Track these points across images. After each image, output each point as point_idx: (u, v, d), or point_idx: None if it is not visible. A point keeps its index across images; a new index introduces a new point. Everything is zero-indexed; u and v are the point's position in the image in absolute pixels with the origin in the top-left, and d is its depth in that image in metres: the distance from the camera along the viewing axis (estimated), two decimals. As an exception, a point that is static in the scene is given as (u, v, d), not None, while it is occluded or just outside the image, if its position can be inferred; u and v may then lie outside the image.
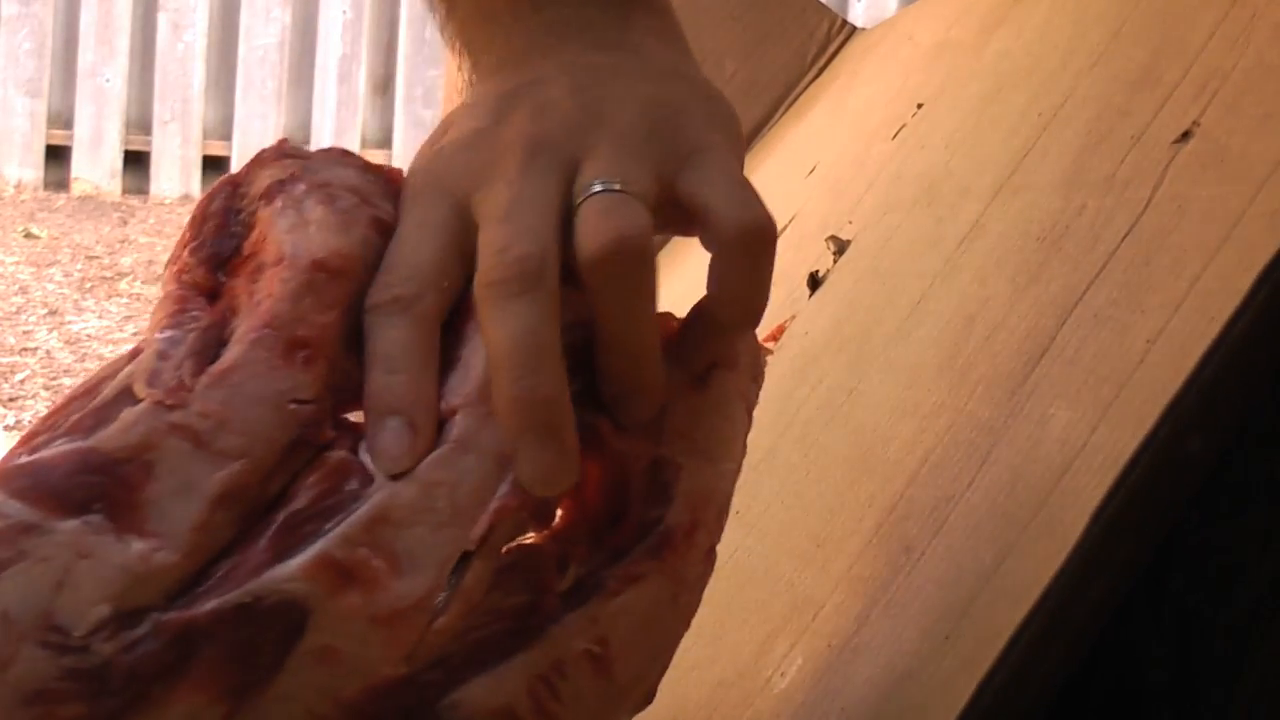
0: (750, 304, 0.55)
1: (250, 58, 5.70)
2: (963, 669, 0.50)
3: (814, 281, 0.93)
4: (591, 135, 0.56)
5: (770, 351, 0.92)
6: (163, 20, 5.67)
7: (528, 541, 0.53)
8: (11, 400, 3.60)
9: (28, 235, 4.98)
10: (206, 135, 5.70)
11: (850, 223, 0.94)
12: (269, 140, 5.93)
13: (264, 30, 5.71)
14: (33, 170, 5.64)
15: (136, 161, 5.68)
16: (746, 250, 0.54)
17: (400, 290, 0.53)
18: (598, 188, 0.54)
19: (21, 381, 3.71)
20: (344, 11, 5.74)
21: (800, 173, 1.16)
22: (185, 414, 0.50)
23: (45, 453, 0.49)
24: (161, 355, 0.52)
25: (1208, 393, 0.49)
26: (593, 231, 0.52)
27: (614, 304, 0.53)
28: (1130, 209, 0.59)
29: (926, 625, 0.54)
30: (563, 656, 0.51)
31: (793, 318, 0.92)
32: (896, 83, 1.09)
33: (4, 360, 3.85)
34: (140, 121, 5.70)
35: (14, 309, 4.25)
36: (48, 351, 3.93)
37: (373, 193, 0.56)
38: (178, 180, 5.68)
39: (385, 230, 0.55)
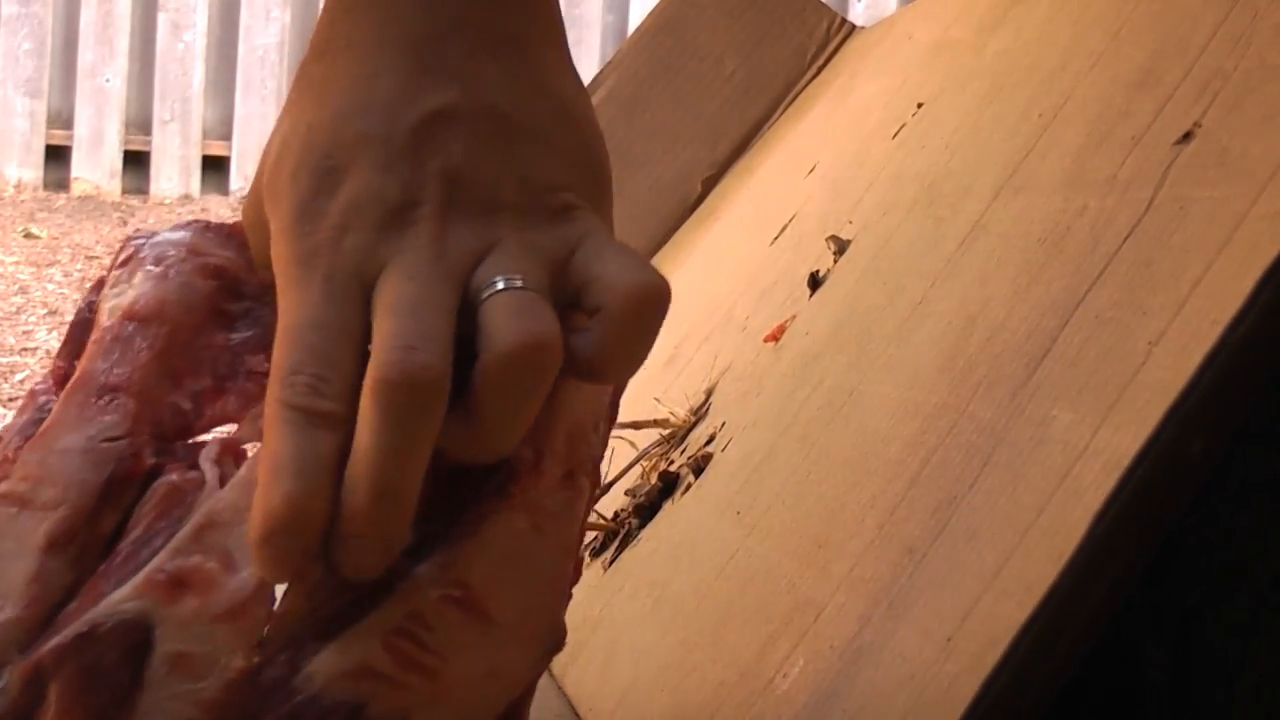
0: (633, 364, 0.53)
1: (250, 58, 5.70)
2: (965, 671, 0.50)
3: (814, 281, 0.93)
4: (495, 225, 0.53)
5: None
6: (163, 20, 5.67)
7: None
8: (11, 400, 3.60)
9: (28, 235, 4.98)
10: (206, 135, 5.70)
11: (850, 222, 0.94)
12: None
13: (264, 30, 5.70)
14: (33, 170, 5.64)
15: (136, 161, 5.68)
16: (640, 308, 0.52)
17: (306, 380, 0.50)
18: (500, 285, 0.52)
19: (21, 381, 3.71)
20: (344, 11, 5.73)
21: (800, 172, 1.16)
22: (9, 483, 0.53)
23: None
24: (12, 430, 0.55)
25: (1210, 395, 0.49)
26: (505, 331, 0.51)
27: (507, 405, 0.51)
28: (1131, 210, 0.59)
29: (929, 627, 0.54)
30: (418, 607, 0.51)
31: (793, 317, 0.92)
32: (896, 82, 1.09)
33: (4, 360, 3.85)
34: (140, 121, 5.70)
35: (14, 309, 4.25)
36: (48, 351, 3.93)
37: (205, 244, 0.58)
38: (178, 180, 5.68)
39: (216, 273, 0.57)
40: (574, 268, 0.53)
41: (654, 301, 0.53)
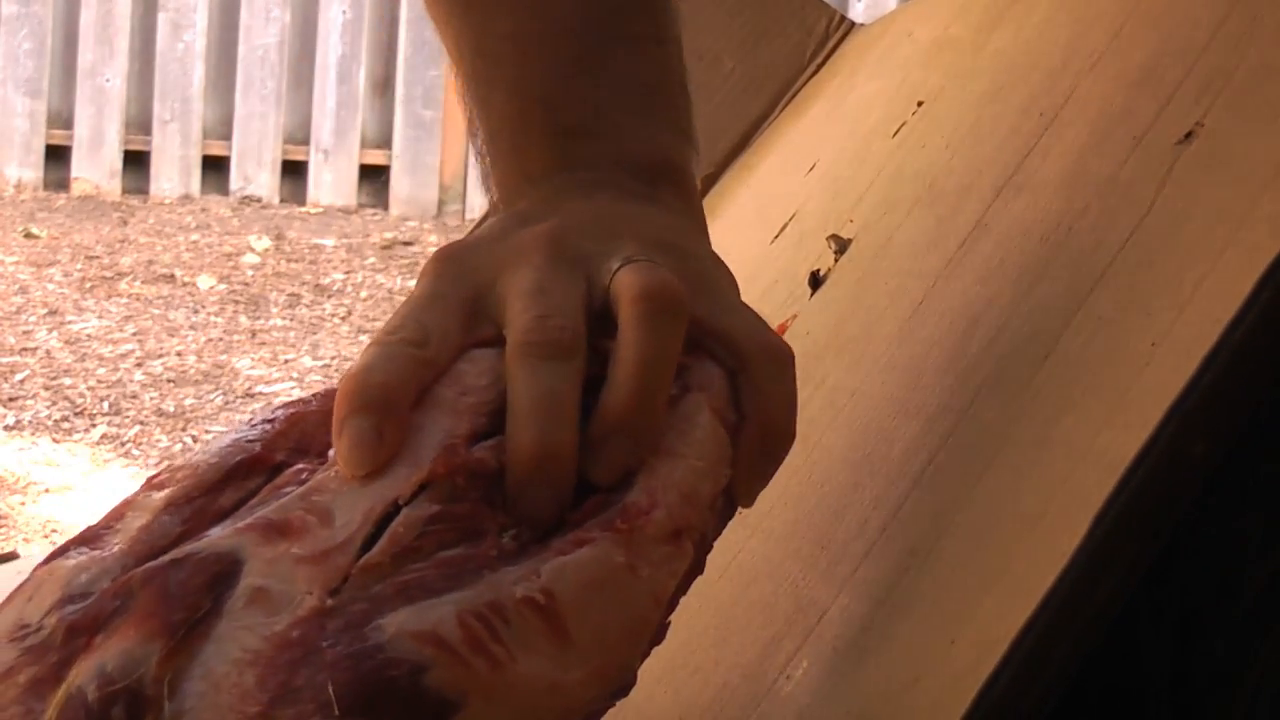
0: (789, 425, 0.60)
1: (250, 58, 5.70)
2: (968, 672, 0.50)
3: (815, 281, 0.93)
4: (611, 241, 0.60)
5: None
6: (163, 20, 5.67)
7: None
8: (11, 400, 3.60)
9: (28, 235, 4.97)
10: (206, 135, 5.71)
11: (851, 221, 0.94)
12: (269, 140, 5.95)
13: (264, 30, 5.70)
14: (33, 170, 5.64)
15: (136, 161, 5.68)
16: (775, 368, 0.59)
17: (403, 335, 0.57)
18: (638, 258, 0.59)
19: (21, 381, 3.71)
20: (344, 11, 5.74)
21: (800, 170, 1.16)
22: (161, 477, 0.58)
23: None
24: None
25: (1211, 395, 0.49)
26: (637, 279, 0.57)
27: (647, 336, 0.56)
28: (1133, 210, 0.59)
29: (932, 628, 0.54)
30: (500, 599, 0.52)
31: (794, 317, 0.92)
32: (896, 80, 1.08)
33: (4, 360, 3.85)
34: (140, 121, 5.70)
35: (14, 309, 4.25)
36: (48, 351, 3.93)
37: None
38: (178, 180, 5.69)
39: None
40: (698, 307, 0.59)
41: (783, 361, 0.60)
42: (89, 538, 0.56)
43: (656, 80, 0.68)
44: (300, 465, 0.57)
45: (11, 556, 1.72)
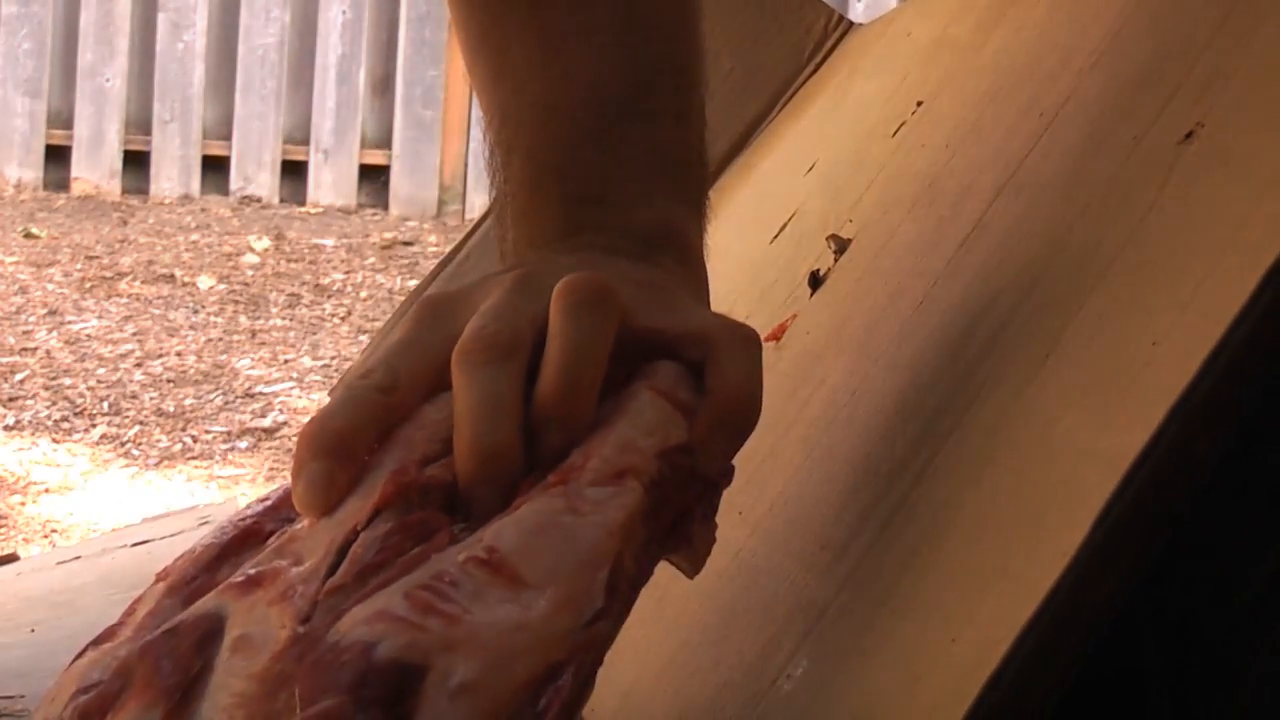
0: (751, 399, 0.62)
1: (250, 58, 5.69)
2: (969, 671, 0.50)
3: (815, 280, 0.93)
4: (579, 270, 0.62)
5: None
6: (163, 20, 5.67)
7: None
8: (11, 400, 3.60)
9: (28, 235, 4.97)
10: (206, 135, 5.70)
11: (851, 221, 0.94)
12: (269, 140, 5.95)
13: (264, 30, 5.70)
14: (33, 170, 5.63)
15: (136, 161, 5.68)
16: (738, 347, 0.62)
17: (373, 380, 0.59)
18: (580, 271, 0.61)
19: (21, 381, 3.71)
20: (344, 11, 5.74)
21: (799, 170, 1.16)
22: (163, 570, 0.60)
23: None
24: None
25: (1214, 394, 0.49)
26: (568, 279, 0.60)
27: (570, 326, 0.59)
28: (1134, 210, 0.59)
29: (932, 627, 0.54)
30: (444, 569, 0.54)
31: (794, 317, 0.92)
32: (895, 80, 1.08)
33: (4, 360, 3.84)
34: (140, 121, 5.70)
35: (14, 309, 4.24)
36: (48, 351, 3.93)
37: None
38: (178, 180, 5.68)
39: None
40: (672, 321, 0.62)
41: (753, 343, 0.62)
42: (103, 637, 0.58)
43: (670, 155, 0.71)
44: (288, 529, 0.59)
45: (11, 558, 1.72)
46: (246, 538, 0.59)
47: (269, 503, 0.61)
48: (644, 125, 0.70)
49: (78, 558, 1.55)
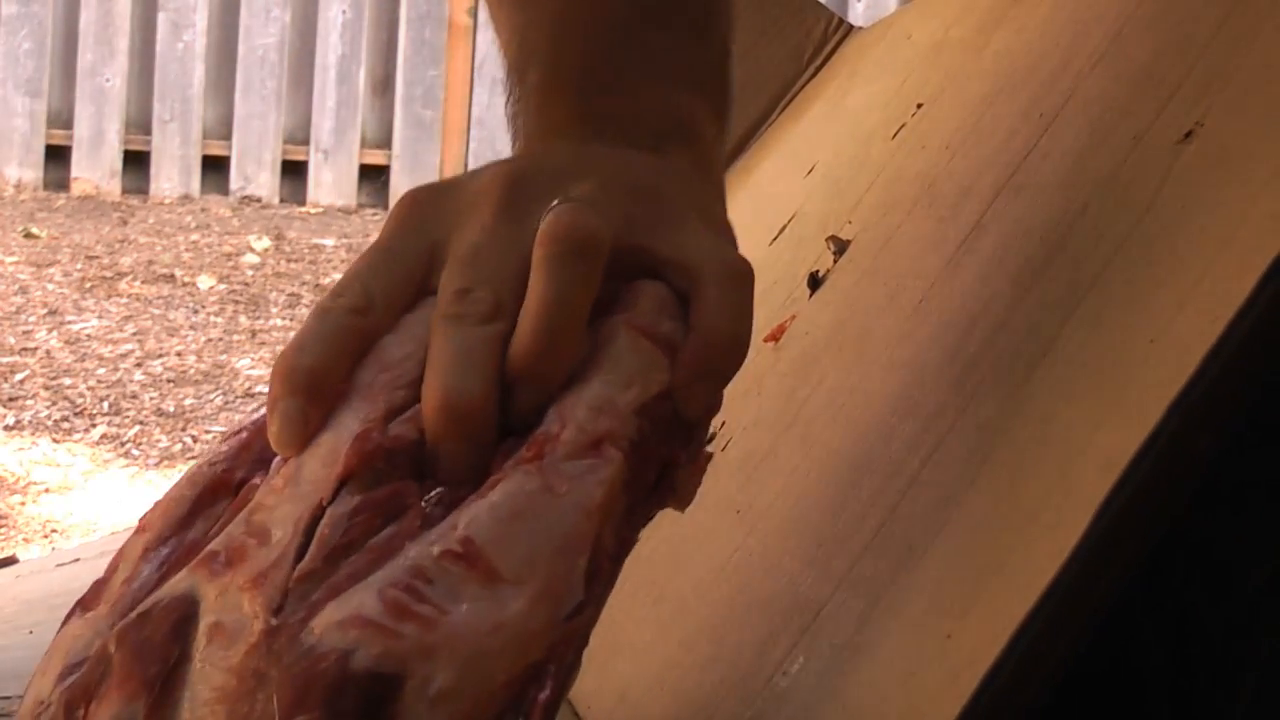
0: (737, 337, 0.59)
1: (250, 58, 5.70)
2: (965, 667, 0.50)
3: (814, 281, 0.93)
4: (568, 182, 0.60)
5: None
6: (163, 20, 5.67)
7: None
8: (11, 400, 3.60)
9: (28, 235, 4.97)
10: (206, 135, 5.70)
11: (850, 222, 0.94)
12: (269, 140, 5.95)
13: (264, 30, 5.70)
14: (33, 170, 5.64)
15: (136, 161, 5.68)
16: (727, 281, 0.59)
17: (345, 301, 0.58)
18: (567, 201, 0.58)
19: (21, 381, 3.71)
20: (344, 11, 5.74)
21: (799, 172, 1.16)
22: (142, 520, 0.59)
23: None
24: None
25: (1214, 390, 0.49)
26: (552, 221, 0.57)
27: (550, 279, 0.56)
28: (1133, 209, 0.59)
29: (929, 624, 0.54)
30: (419, 563, 0.52)
31: (793, 317, 0.92)
32: (895, 82, 1.09)
33: (4, 360, 3.84)
34: (140, 121, 5.70)
35: (14, 309, 4.24)
36: (48, 351, 3.93)
37: None
38: (178, 180, 5.68)
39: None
40: (658, 240, 0.59)
41: (742, 278, 0.60)
42: (88, 600, 0.58)
43: (687, 63, 0.69)
44: (256, 480, 0.58)
45: (11, 561, 1.72)
46: (217, 490, 0.58)
47: (241, 437, 0.59)
48: (663, 34, 0.68)
49: (77, 560, 1.55)
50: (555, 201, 0.58)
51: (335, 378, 0.56)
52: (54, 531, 2.91)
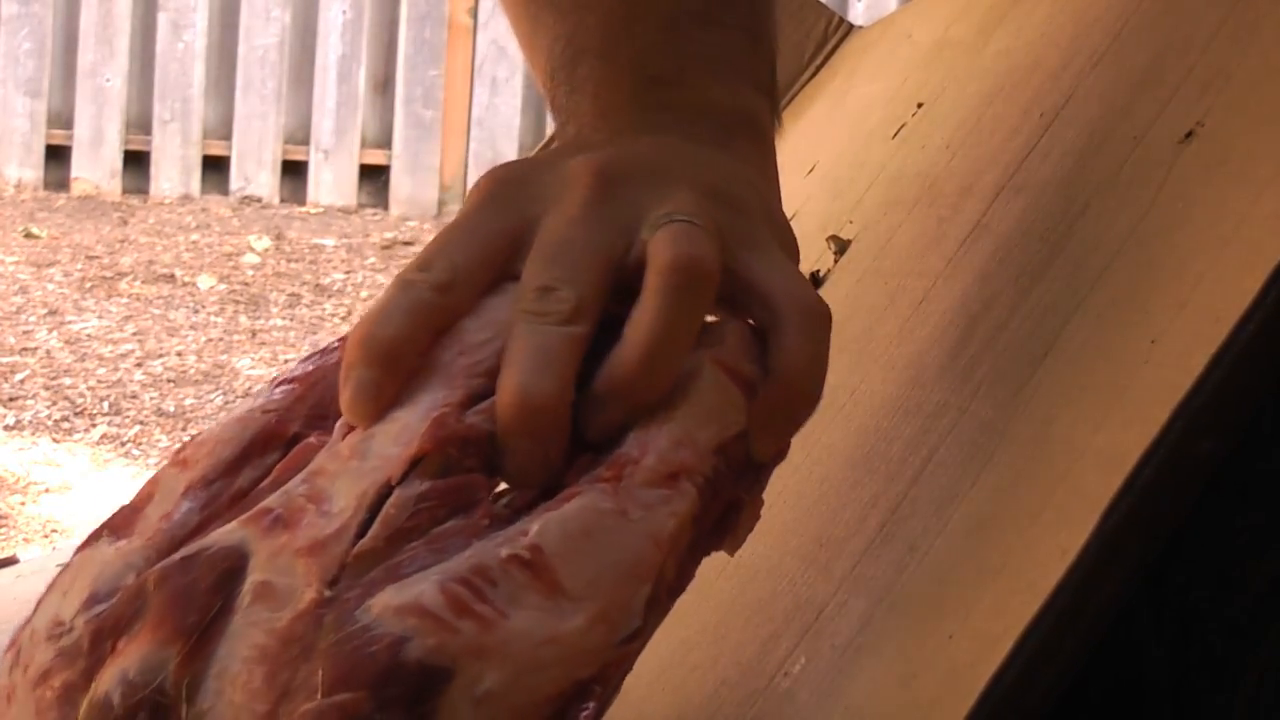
0: (813, 385, 0.59)
1: (250, 58, 5.70)
2: (966, 667, 0.50)
3: (815, 281, 0.93)
4: (661, 186, 0.59)
5: None
6: (163, 20, 5.67)
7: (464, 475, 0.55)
8: (11, 400, 3.60)
9: (28, 235, 4.98)
10: (206, 135, 5.70)
11: (851, 222, 0.94)
12: (269, 140, 5.95)
13: (264, 30, 5.70)
14: (33, 170, 5.64)
15: (136, 161, 5.68)
16: (808, 326, 0.58)
17: (430, 277, 0.57)
18: (680, 218, 0.57)
19: (21, 381, 3.71)
20: (344, 11, 5.74)
21: (799, 172, 1.16)
22: (185, 451, 0.58)
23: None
24: None
25: (1219, 393, 0.49)
26: (669, 246, 0.56)
27: (664, 309, 0.56)
28: (1134, 209, 0.59)
29: (929, 624, 0.54)
30: (484, 562, 0.52)
31: (794, 317, 0.92)
32: (896, 81, 1.09)
33: (4, 360, 3.85)
34: (140, 121, 5.70)
35: (14, 309, 4.25)
36: (48, 351, 3.93)
37: None
38: (178, 180, 5.68)
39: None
40: (741, 263, 0.59)
41: (820, 319, 0.59)
42: (119, 524, 0.57)
43: (744, 63, 0.69)
44: (313, 438, 0.57)
45: (11, 561, 1.72)
46: (270, 440, 0.57)
47: (294, 389, 0.59)
48: (719, 34, 0.68)
49: (78, 560, 1.55)
50: (658, 217, 0.58)
51: (414, 353, 0.56)
52: (54, 531, 2.91)
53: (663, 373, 0.56)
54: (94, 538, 0.57)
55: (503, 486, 0.55)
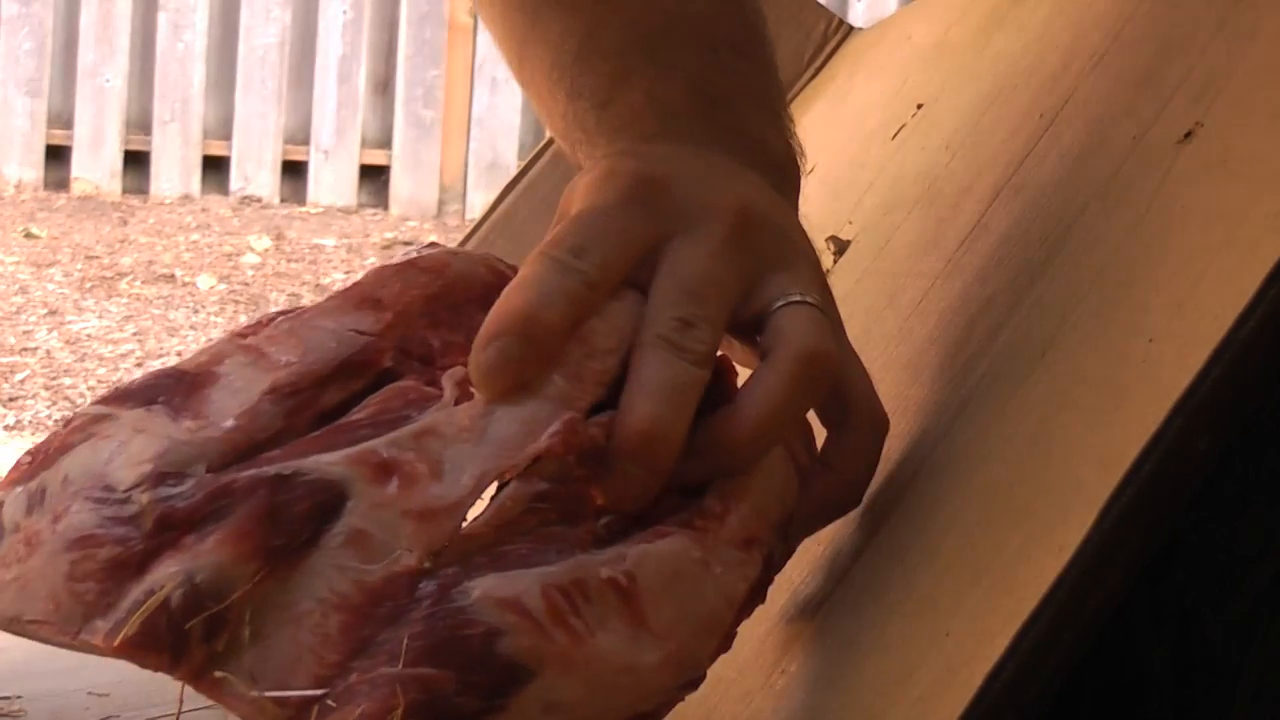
0: (860, 490, 0.63)
1: (250, 58, 5.70)
2: (963, 665, 0.50)
3: (815, 281, 0.93)
4: (784, 252, 0.60)
5: None
6: (163, 20, 5.68)
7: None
8: (11, 400, 3.60)
9: (28, 235, 4.98)
10: (206, 135, 5.71)
11: (850, 223, 0.95)
12: (269, 140, 5.95)
13: (264, 30, 5.71)
14: (33, 170, 5.64)
15: (136, 161, 5.68)
16: (876, 435, 0.63)
17: (586, 270, 0.57)
18: (811, 302, 0.59)
19: (21, 381, 3.71)
20: (344, 11, 5.74)
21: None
22: (255, 339, 0.56)
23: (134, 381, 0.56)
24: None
25: (1217, 390, 0.49)
26: (800, 335, 0.58)
27: (788, 396, 0.57)
28: (1132, 209, 0.59)
29: (926, 622, 0.55)
30: (585, 576, 0.53)
31: (793, 318, 0.92)
32: (895, 83, 1.09)
33: (4, 360, 3.85)
34: (140, 121, 5.70)
35: (14, 309, 4.25)
36: (48, 351, 3.93)
37: (498, 262, 0.62)
38: (178, 180, 5.69)
39: (498, 276, 0.60)
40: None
41: (884, 432, 0.62)
42: (174, 395, 0.54)
43: (773, 92, 0.70)
44: (408, 381, 0.56)
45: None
46: (362, 366, 0.56)
47: (386, 318, 0.57)
48: (750, 66, 0.69)
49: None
50: (785, 292, 0.59)
51: (564, 343, 0.56)
52: (54, 531, 2.90)
53: (765, 447, 0.57)
54: (147, 395, 0.54)
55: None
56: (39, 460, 0.54)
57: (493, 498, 0.55)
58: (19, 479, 0.53)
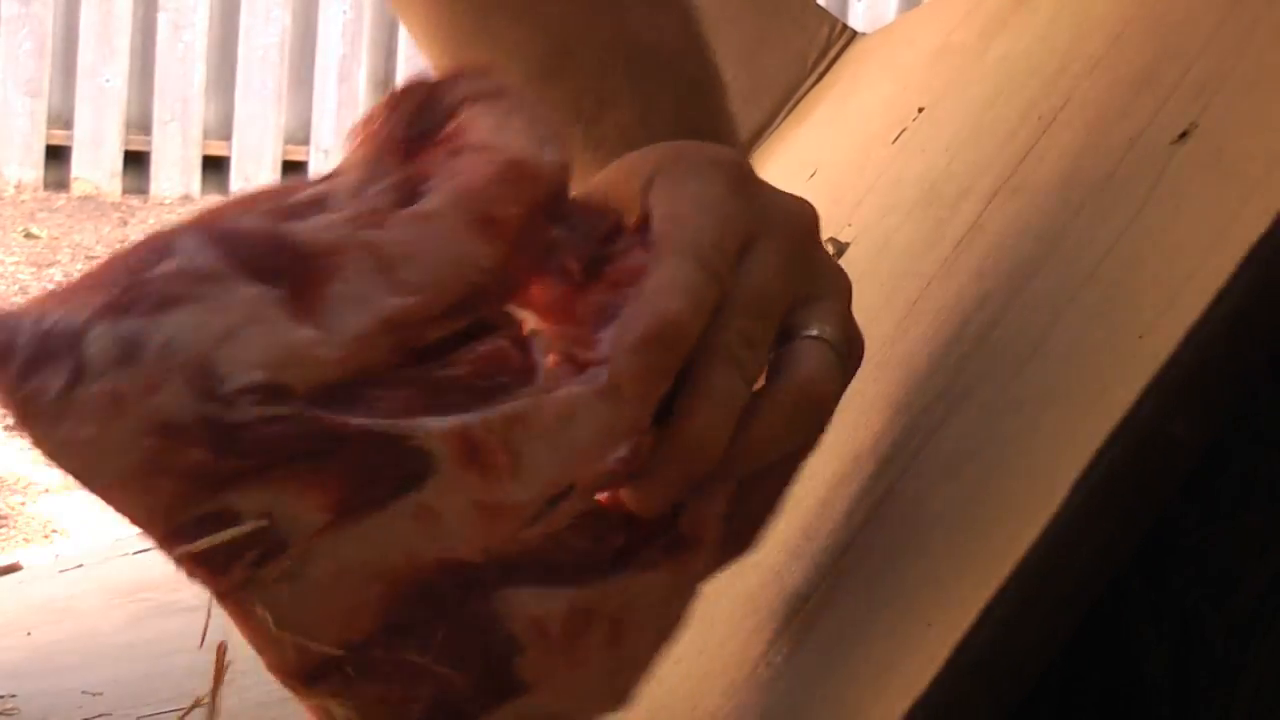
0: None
1: (250, 58, 5.70)
2: (941, 652, 0.50)
3: (814, 282, 0.93)
4: (824, 280, 0.60)
5: None
6: (163, 20, 5.67)
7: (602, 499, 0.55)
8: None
9: (28, 235, 4.98)
10: (206, 135, 5.70)
11: (850, 225, 0.95)
12: (269, 140, 5.95)
13: (264, 30, 5.70)
14: (33, 170, 5.63)
15: (136, 161, 5.68)
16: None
17: (720, 270, 0.56)
18: (834, 344, 0.59)
19: (21, 381, 3.71)
20: (344, 11, 5.74)
21: (801, 177, 1.16)
22: (378, 235, 0.52)
23: (241, 222, 0.51)
24: (361, 183, 0.54)
25: (1190, 375, 0.49)
26: (814, 371, 0.58)
27: (782, 428, 0.57)
28: (1127, 208, 0.60)
29: (912, 616, 0.55)
30: (598, 609, 0.53)
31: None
32: (897, 87, 1.09)
33: (4, 360, 3.84)
34: (140, 121, 5.70)
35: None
36: (47, 351, 3.93)
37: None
38: (178, 180, 5.68)
39: (561, 178, 0.56)
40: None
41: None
42: (295, 274, 0.51)
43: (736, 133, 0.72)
44: (500, 342, 0.54)
45: (14, 569, 1.73)
46: (472, 308, 0.53)
47: (501, 249, 0.54)
48: (722, 100, 0.70)
49: (80, 565, 1.56)
50: (824, 328, 0.59)
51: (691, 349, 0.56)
52: (54, 532, 2.91)
53: (751, 469, 0.58)
54: (255, 267, 0.50)
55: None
56: (133, 294, 0.50)
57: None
58: (108, 309, 0.49)
